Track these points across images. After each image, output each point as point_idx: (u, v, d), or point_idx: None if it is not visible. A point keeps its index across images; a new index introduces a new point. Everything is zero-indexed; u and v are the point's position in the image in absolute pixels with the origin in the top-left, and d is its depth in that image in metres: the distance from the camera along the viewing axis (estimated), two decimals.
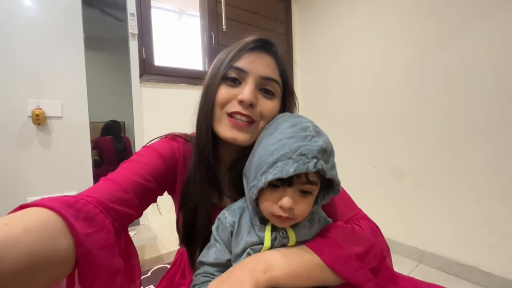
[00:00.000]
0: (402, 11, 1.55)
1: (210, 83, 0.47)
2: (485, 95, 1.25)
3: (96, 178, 1.40)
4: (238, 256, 0.42)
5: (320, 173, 0.38)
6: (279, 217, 0.39)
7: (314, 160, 0.35)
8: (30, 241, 0.26)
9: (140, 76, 1.50)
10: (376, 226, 0.48)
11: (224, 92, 0.46)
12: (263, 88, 0.47)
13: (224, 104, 0.46)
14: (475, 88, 1.28)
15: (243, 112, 0.44)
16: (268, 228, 0.42)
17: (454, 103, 1.35)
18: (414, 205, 1.55)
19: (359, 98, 1.82)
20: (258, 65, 0.46)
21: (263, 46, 0.48)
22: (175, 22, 2.04)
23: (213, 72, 0.48)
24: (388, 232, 1.62)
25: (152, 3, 1.59)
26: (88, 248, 0.31)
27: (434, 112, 1.44)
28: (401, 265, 1.48)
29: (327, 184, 0.42)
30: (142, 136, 1.52)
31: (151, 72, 1.56)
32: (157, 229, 1.49)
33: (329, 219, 0.48)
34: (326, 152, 0.37)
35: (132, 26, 1.44)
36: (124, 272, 0.36)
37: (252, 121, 0.46)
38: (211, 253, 0.44)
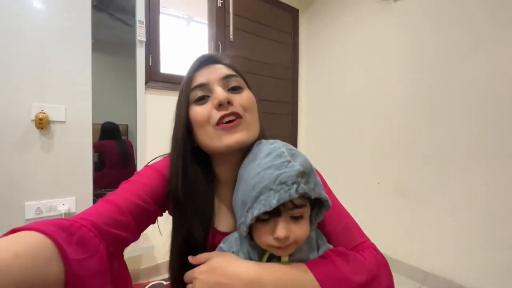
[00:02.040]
0: (410, 28, 1.55)
1: (178, 114, 0.48)
2: (492, 116, 1.24)
3: (96, 182, 1.38)
4: None
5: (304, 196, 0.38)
6: (278, 247, 0.38)
7: (295, 186, 0.35)
8: (19, 266, 0.25)
9: (146, 83, 1.50)
10: (383, 258, 0.46)
11: (199, 110, 0.46)
12: (229, 87, 0.48)
13: (207, 120, 0.45)
14: (482, 108, 1.27)
15: (228, 112, 0.44)
16: (265, 259, 0.41)
17: (460, 122, 1.34)
18: (417, 223, 1.52)
19: (364, 113, 1.81)
20: (212, 73, 0.48)
21: (207, 60, 0.51)
22: (183, 29, 2.05)
23: (177, 105, 0.50)
24: (390, 250, 1.59)
25: (161, 9, 1.60)
26: (79, 275, 0.30)
27: (439, 131, 1.42)
28: (402, 286, 1.45)
29: (317, 202, 0.42)
30: (144, 142, 1.51)
31: (157, 79, 1.56)
32: (155, 238, 1.46)
33: (330, 246, 0.46)
34: (305, 174, 0.37)
35: (141, 33, 1.45)
36: None
37: (239, 116, 0.45)
38: None
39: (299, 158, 0.38)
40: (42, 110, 1.14)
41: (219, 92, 0.45)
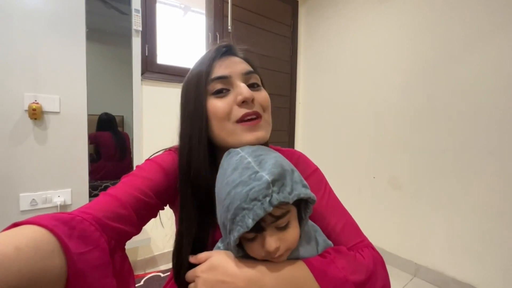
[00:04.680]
0: (409, 23, 1.54)
1: (196, 106, 0.45)
2: (487, 110, 1.25)
3: (92, 174, 1.37)
4: None
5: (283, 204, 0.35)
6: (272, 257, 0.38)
7: (267, 199, 0.32)
8: (21, 260, 0.25)
9: (142, 73, 1.47)
10: (380, 258, 0.46)
11: (219, 104, 0.44)
12: (249, 83, 0.47)
13: (227, 116, 0.44)
14: (475, 105, 1.28)
15: (251, 111, 0.44)
16: None
17: (454, 118, 1.35)
18: (411, 217, 1.55)
19: (360, 107, 1.81)
20: (233, 66, 0.46)
21: (227, 51, 0.49)
22: (179, 19, 2.00)
23: (190, 95, 0.46)
24: (384, 243, 1.62)
25: None
26: (80, 268, 0.30)
27: (434, 126, 1.43)
28: (395, 278, 1.48)
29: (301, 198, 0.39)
30: (141, 133, 1.49)
31: (153, 70, 1.53)
32: (151, 230, 1.46)
33: (329, 242, 0.46)
34: (277, 180, 0.34)
35: (136, 22, 1.41)
36: None
37: (259, 116, 0.45)
38: None
39: (267, 164, 0.35)
40: (35, 101, 1.12)
41: (245, 89, 0.44)
